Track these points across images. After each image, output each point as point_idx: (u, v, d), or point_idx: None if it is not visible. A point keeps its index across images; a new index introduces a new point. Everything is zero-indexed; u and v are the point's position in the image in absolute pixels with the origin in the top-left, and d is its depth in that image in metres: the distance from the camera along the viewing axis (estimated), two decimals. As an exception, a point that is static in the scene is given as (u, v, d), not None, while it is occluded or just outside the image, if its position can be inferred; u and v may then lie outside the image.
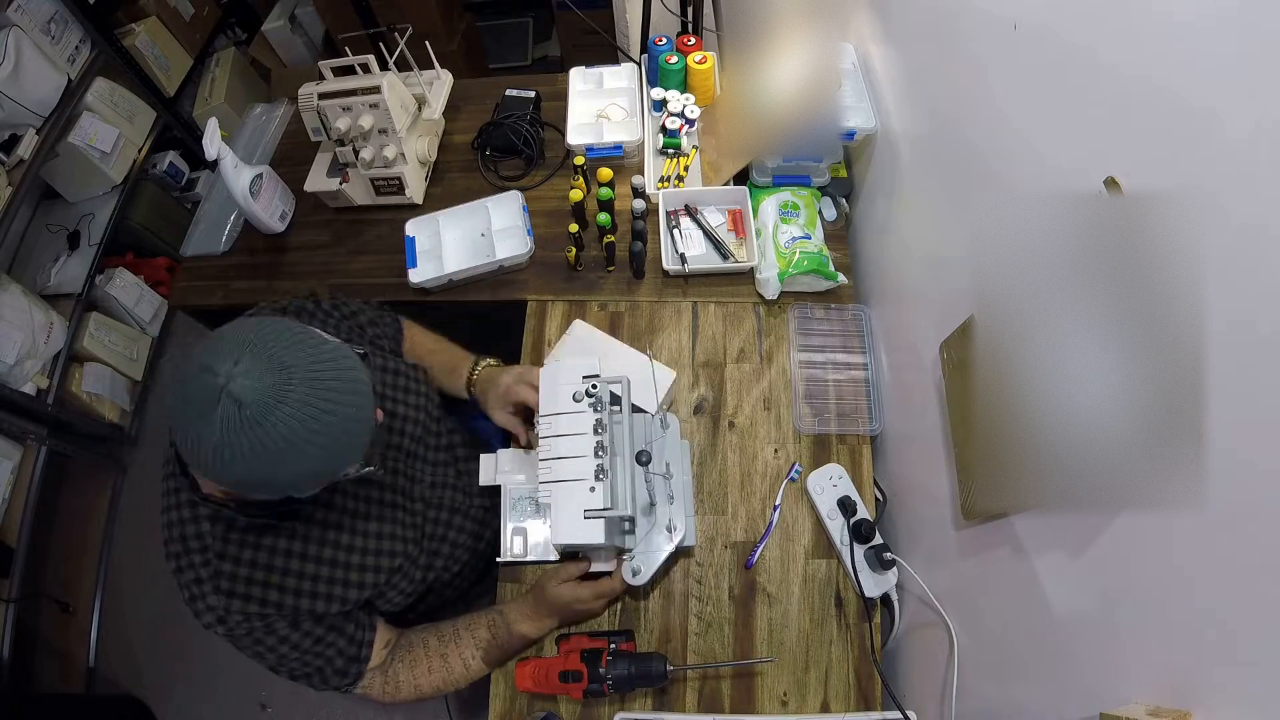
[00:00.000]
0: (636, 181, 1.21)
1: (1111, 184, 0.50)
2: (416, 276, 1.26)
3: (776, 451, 1.07)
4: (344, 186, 1.34)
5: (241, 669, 0.82)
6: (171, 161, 2.36)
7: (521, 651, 0.96)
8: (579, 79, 1.47)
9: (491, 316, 1.29)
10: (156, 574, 0.85)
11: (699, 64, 1.36)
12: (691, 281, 1.22)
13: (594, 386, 0.88)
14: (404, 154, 1.32)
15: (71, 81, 1.96)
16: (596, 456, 0.84)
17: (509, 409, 0.98)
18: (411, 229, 1.30)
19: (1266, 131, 0.39)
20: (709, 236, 1.23)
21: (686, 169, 1.33)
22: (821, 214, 1.23)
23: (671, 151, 1.33)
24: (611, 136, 1.36)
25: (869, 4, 1.07)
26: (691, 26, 1.70)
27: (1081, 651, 0.60)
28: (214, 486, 0.73)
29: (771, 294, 1.15)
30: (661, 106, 1.37)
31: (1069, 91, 0.57)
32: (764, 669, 0.95)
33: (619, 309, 1.21)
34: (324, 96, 1.24)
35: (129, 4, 2.21)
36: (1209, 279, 0.43)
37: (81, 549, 2.03)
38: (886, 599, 0.97)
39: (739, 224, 1.25)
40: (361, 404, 0.66)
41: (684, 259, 1.19)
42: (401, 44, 1.32)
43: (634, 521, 0.93)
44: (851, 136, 1.10)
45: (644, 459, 0.83)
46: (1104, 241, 0.51)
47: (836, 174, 1.24)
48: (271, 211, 1.36)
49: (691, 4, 1.66)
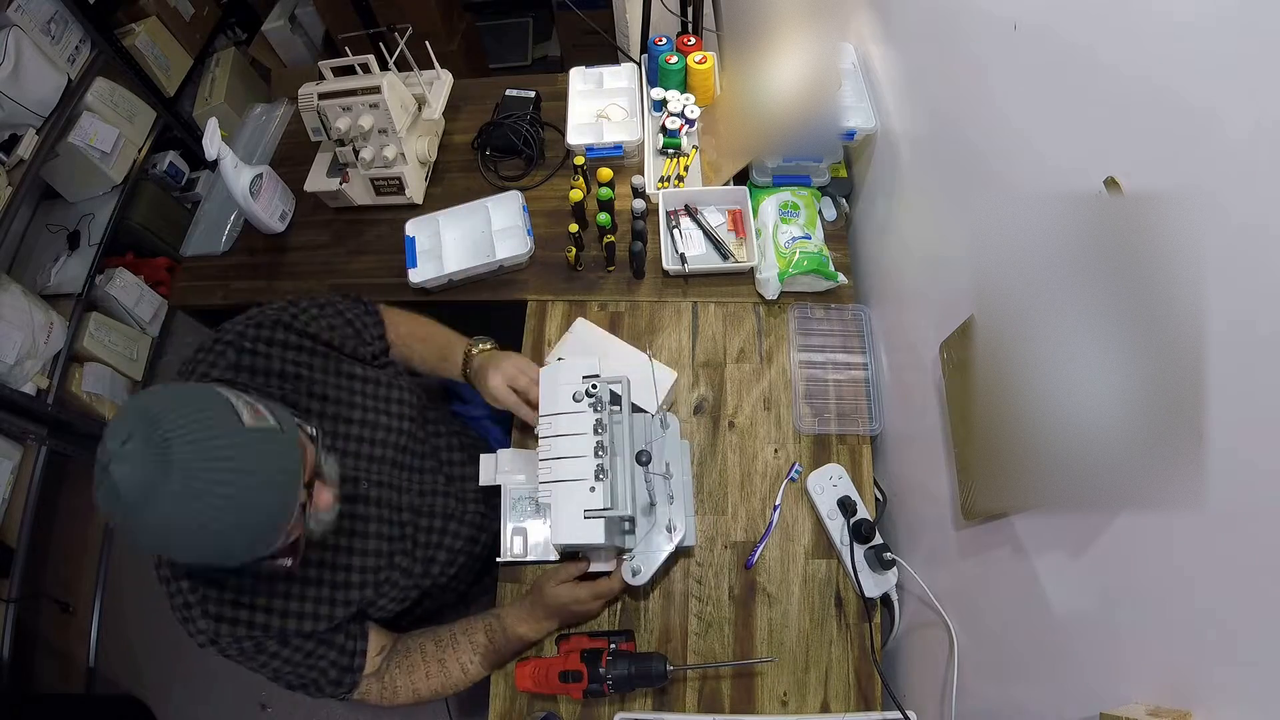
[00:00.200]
0: (636, 181, 1.21)
1: (1111, 184, 0.50)
2: (417, 276, 1.26)
3: (776, 451, 1.07)
4: (344, 186, 1.34)
5: (241, 669, 0.83)
6: (171, 161, 2.36)
7: (520, 653, 0.96)
8: (579, 79, 1.47)
9: (491, 316, 1.29)
10: (156, 574, 0.86)
11: (699, 64, 1.36)
12: (691, 281, 1.22)
13: (594, 386, 0.88)
14: (404, 154, 1.32)
15: (71, 81, 1.96)
16: (596, 456, 0.84)
17: (510, 394, 0.96)
18: (411, 229, 1.30)
19: (1266, 131, 0.39)
20: (709, 236, 1.23)
21: (686, 169, 1.33)
22: (821, 214, 1.23)
23: (671, 151, 1.33)
24: (611, 136, 1.36)
25: (869, 4, 1.07)
26: (691, 26, 1.70)
27: (1081, 651, 0.60)
28: None
29: (771, 294, 1.15)
30: (661, 106, 1.37)
31: (1069, 91, 0.57)
32: (764, 669, 0.95)
33: (619, 309, 1.21)
34: (324, 96, 1.24)
35: (129, 4, 2.21)
36: (1209, 279, 0.43)
37: (81, 549, 2.03)
38: (886, 599, 0.97)
39: (739, 224, 1.25)
40: (269, 481, 0.63)
41: (684, 259, 1.19)
42: (401, 44, 1.32)
43: (634, 522, 0.93)
44: (851, 136, 1.10)
45: (644, 459, 0.83)
46: (1104, 241, 0.51)
47: (836, 174, 1.24)
48: (271, 211, 1.36)
49: (691, 4, 1.66)
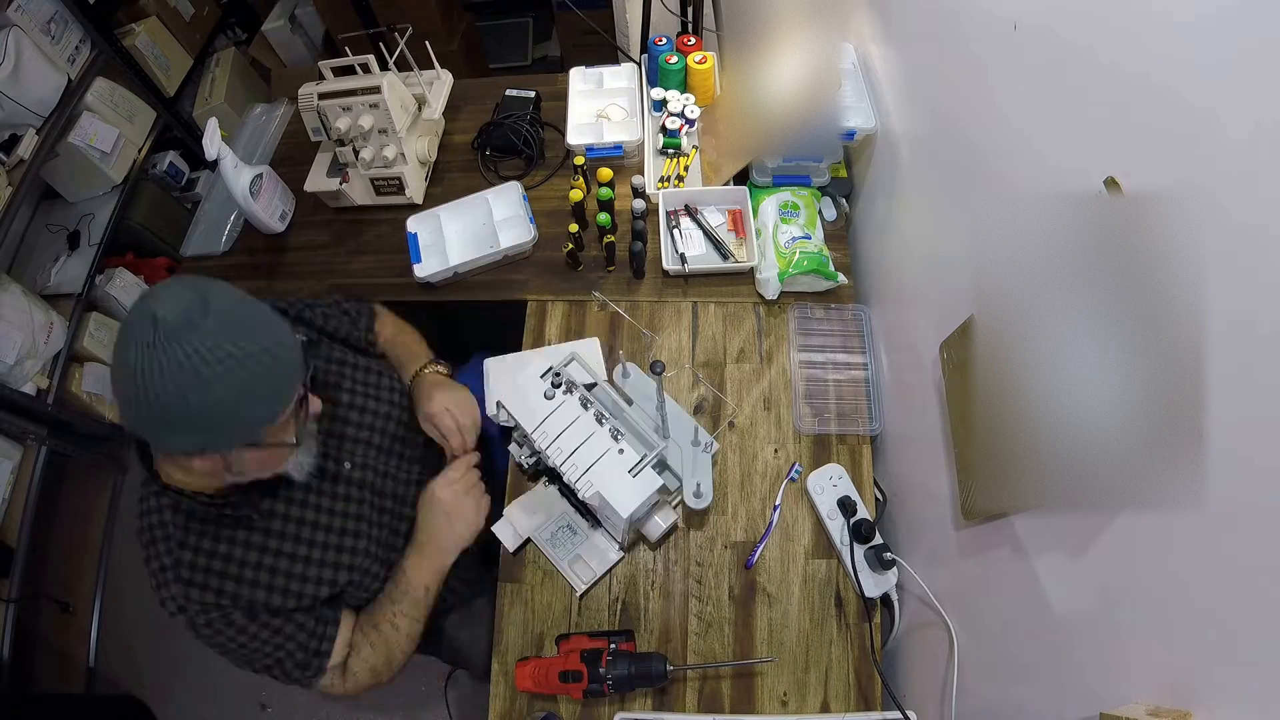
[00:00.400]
0: (636, 181, 1.21)
1: (1111, 184, 0.50)
2: (421, 271, 1.26)
3: (776, 451, 1.07)
4: (344, 186, 1.34)
5: (242, 673, 0.83)
6: (171, 161, 2.35)
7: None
8: (579, 79, 1.47)
9: (491, 316, 1.29)
10: (157, 574, 0.86)
11: (699, 64, 1.36)
12: (691, 281, 1.22)
13: (556, 374, 0.90)
14: (404, 154, 1.32)
15: (71, 81, 1.96)
16: (602, 424, 0.87)
17: (445, 420, 0.99)
18: (413, 225, 1.31)
19: (1266, 131, 0.39)
20: (709, 236, 1.23)
21: (686, 169, 1.33)
22: (821, 214, 1.23)
23: (671, 151, 1.33)
24: (611, 136, 1.36)
25: (869, 4, 1.07)
26: (691, 26, 1.70)
27: (1081, 651, 0.60)
28: (168, 467, 0.77)
29: (771, 294, 1.15)
30: (661, 106, 1.37)
31: (1069, 91, 0.57)
32: (764, 669, 0.95)
33: (619, 309, 1.21)
34: (324, 96, 1.24)
35: (129, 4, 2.21)
36: (1209, 279, 0.43)
37: (81, 549, 2.03)
38: (886, 599, 0.97)
39: (739, 224, 1.25)
40: (279, 355, 0.70)
41: (684, 259, 1.19)
42: (401, 44, 1.32)
43: (664, 460, 0.94)
44: (851, 136, 1.10)
45: (659, 368, 0.84)
46: (1104, 241, 0.51)
47: (836, 174, 1.24)
48: (271, 211, 1.36)
49: (691, 4, 1.66)
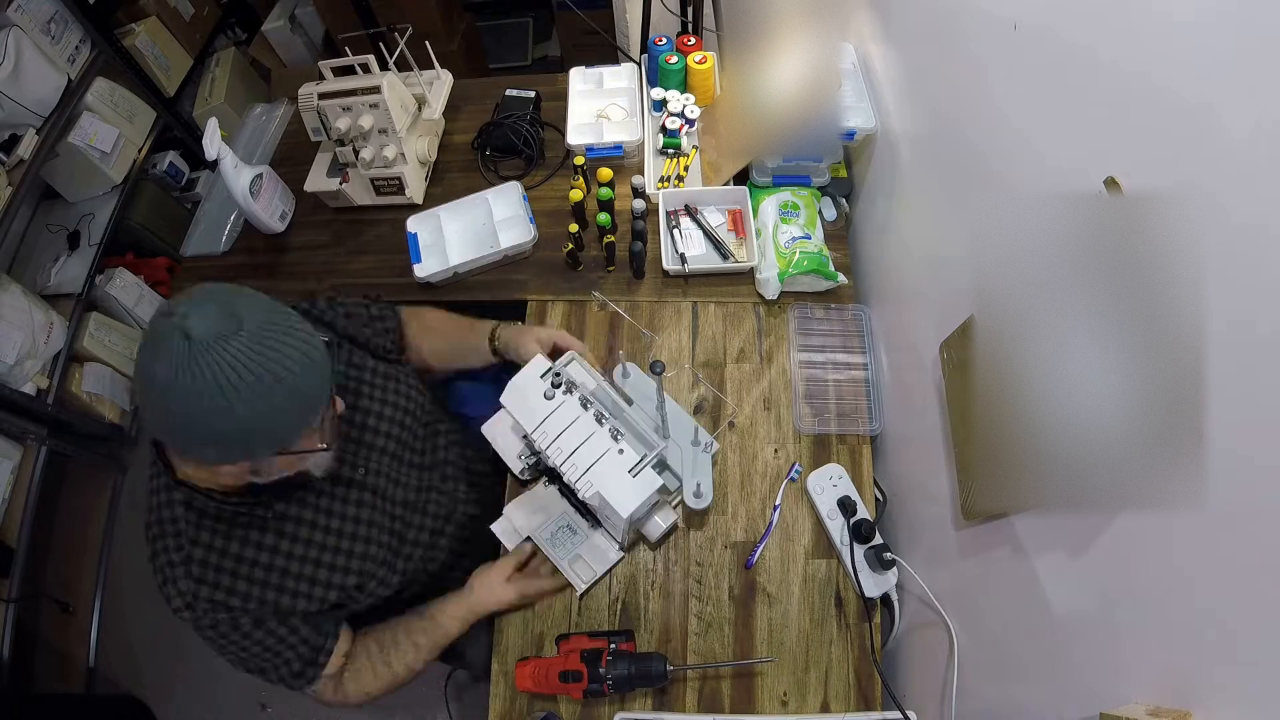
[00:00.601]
0: (636, 181, 1.21)
1: (1111, 184, 0.50)
2: (422, 271, 1.26)
3: (776, 451, 1.07)
4: (344, 186, 1.34)
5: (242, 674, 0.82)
6: (171, 161, 2.36)
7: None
8: (579, 79, 1.47)
9: (492, 317, 1.29)
10: (157, 574, 0.86)
11: (699, 64, 1.36)
12: (691, 281, 1.22)
13: (556, 375, 0.89)
14: (404, 154, 1.32)
15: (71, 81, 1.96)
16: (601, 424, 0.86)
17: (550, 341, 1.02)
18: (413, 225, 1.31)
19: (1266, 131, 0.39)
20: (709, 236, 1.23)
21: (686, 169, 1.33)
22: (821, 214, 1.23)
23: (671, 151, 1.33)
24: (611, 136, 1.36)
25: (869, 4, 1.07)
26: (691, 26, 1.70)
27: (1081, 651, 0.60)
28: (186, 466, 0.76)
29: (771, 294, 1.15)
30: (661, 106, 1.37)
31: (1069, 91, 0.57)
32: (764, 669, 0.95)
33: (619, 309, 1.21)
34: (324, 96, 1.24)
35: (129, 4, 2.21)
36: (1209, 279, 0.43)
37: (81, 549, 2.03)
38: (886, 599, 0.97)
39: (739, 224, 1.25)
40: (310, 369, 0.68)
41: (684, 259, 1.19)
42: (401, 44, 1.32)
43: (664, 459, 0.94)
44: (851, 136, 1.10)
45: (658, 368, 0.84)
46: (1104, 241, 0.51)
47: (836, 174, 1.24)
48: (271, 211, 1.36)
49: (691, 4, 1.66)
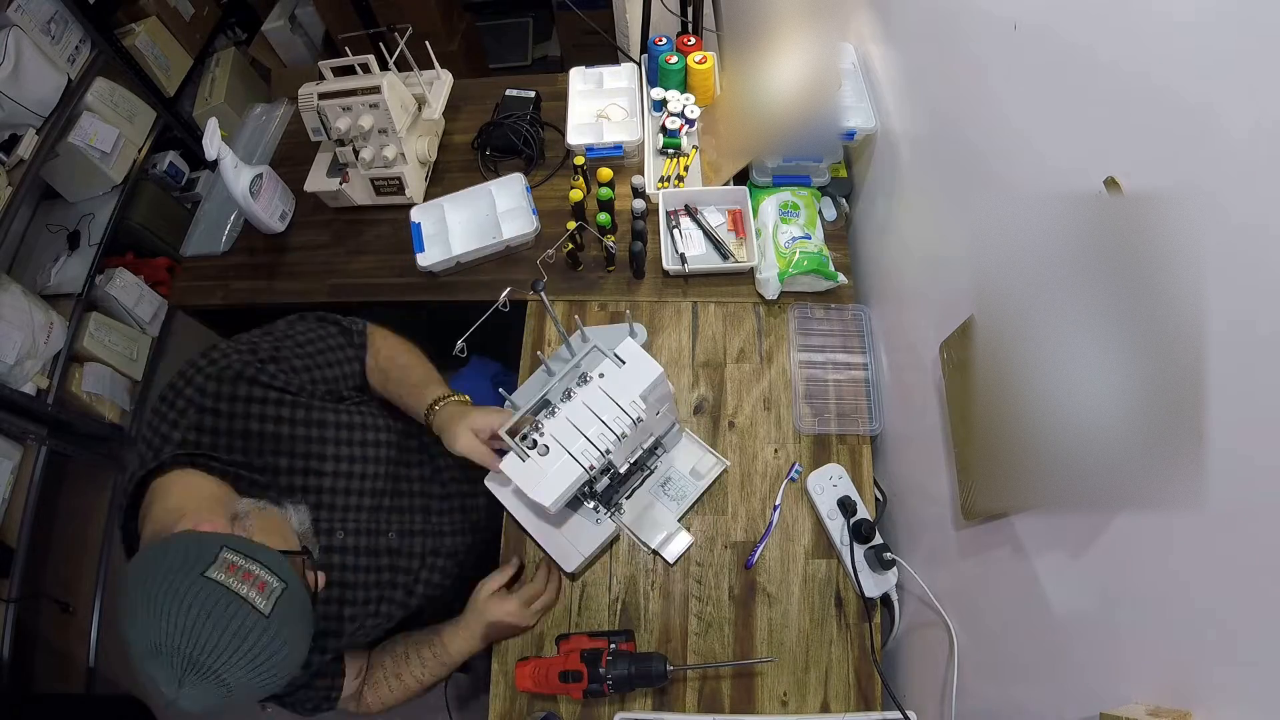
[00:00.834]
0: (636, 181, 1.21)
1: (1111, 184, 0.50)
2: (424, 261, 1.27)
3: (776, 451, 1.07)
4: (344, 186, 1.34)
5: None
6: (171, 161, 2.36)
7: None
8: (579, 79, 1.47)
9: (492, 317, 1.29)
10: (156, 574, 0.86)
11: (699, 64, 1.36)
12: (691, 281, 1.22)
13: (522, 439, 0.86)
14: (404, 154, 1.32)
15: (71, 81, 1.96)
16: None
17: (478, 448, 0.91)
18: (417, 215, 1.32)
19: (1266, 131, 0.39)
20: (709, 236, 1.23)
21: (686, 169, 1.33)
22: (821, 214, 1.23)
23: (671, 151, 1.33)
24: (611, 136, 1.36)
25: (869, 4, 1.07)
26: (691, 26, 1.70)
27: (1081, 651, 0.60)
28: None
29: (771, 294, 1.15)
30: (661, 106, 1.37)
31: (1069, 91, 0.57)
32: (764, 669, 0.95)
33: (619, 309, 1.21)
34: (324, 96, 1.24)
35: (129, 4, 2.21)
36: (1209, 279, 0.43)
37: (81, 549, 2.03)
38: (886, 599, 0.97)
39: (739, 224, 1.25)
40: (294, 664, 0.67)
41: (684, 259, 1.19)
42: (401, 44, 1.32)
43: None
44: (851, 136, 1.10)
45: (538, 285, 0.85)
46: (1104, 241, 0.51)
47: (836, 174, 1.24)
48: (271, 211, 1.36)
49: (691, 4, 1.66)
